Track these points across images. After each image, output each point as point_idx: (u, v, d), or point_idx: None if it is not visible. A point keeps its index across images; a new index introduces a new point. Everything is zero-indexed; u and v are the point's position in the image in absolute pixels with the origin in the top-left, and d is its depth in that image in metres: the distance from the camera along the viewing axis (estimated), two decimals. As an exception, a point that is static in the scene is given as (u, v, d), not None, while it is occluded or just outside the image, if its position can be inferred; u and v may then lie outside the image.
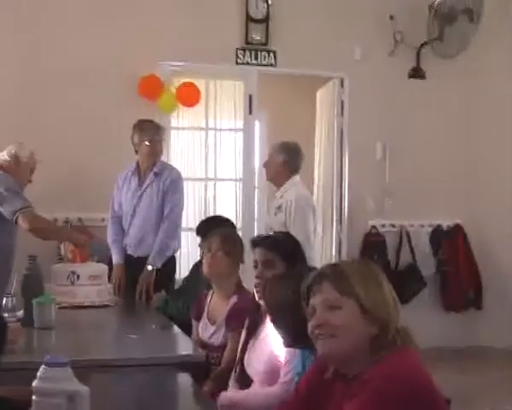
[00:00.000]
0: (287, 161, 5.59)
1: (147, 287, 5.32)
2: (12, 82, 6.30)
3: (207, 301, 4.15)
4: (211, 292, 4.16)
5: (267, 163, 5.77)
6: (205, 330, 4.08)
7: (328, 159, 7.45)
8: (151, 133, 5.53)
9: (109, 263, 5.49)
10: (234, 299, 3.93)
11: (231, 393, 3.35)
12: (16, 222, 4.83)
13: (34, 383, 2.24)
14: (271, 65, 6.94)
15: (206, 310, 4.12)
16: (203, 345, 3.99)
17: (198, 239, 5.20)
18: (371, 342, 2.11)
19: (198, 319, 4.14)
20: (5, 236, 4.93)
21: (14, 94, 6.29)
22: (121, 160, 5.70)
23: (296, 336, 2.58)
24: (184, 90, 6.77)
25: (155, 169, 5.56)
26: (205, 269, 4.13)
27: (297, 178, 5.62)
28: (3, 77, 6.28)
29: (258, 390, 3.24)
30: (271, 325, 3.25)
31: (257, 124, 7.83)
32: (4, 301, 4.28)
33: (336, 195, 7.31)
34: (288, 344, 2.81)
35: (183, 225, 6.01)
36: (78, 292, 4.81)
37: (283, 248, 3.35)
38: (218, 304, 4.06)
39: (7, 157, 5.07)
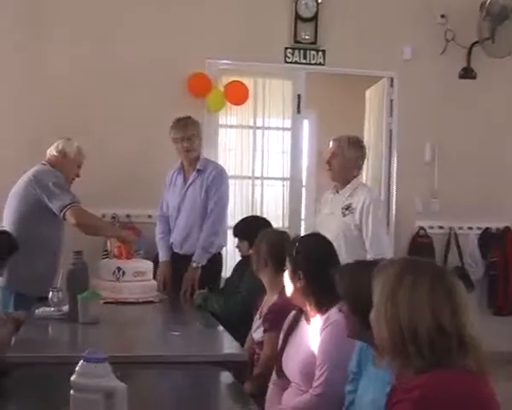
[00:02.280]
0: (358, 157, 5.07)
1: (191, 284, 5.31)
2: (66, 80, 6.36)
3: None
4: None
5: (331, 160, 5.05)
6: (255, 323, 4.12)
7: (377, 159, 7.38)
8: (182, 131, 5.51)
9: (155, 260, 5.50)
10: (275, 298, 3.91)
11: None
12: (64, 217, 4.88)
13: (72, 378, 2.24)
14: (320, 64, 6.89)
15: (261, 305, 4.13)
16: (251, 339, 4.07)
17: (236, 240, 5.20)
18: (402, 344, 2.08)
19: None
20: (53, 230, 5.00)
21: (68, 92, 6.35)
22: (169, 157, 5.71)
23: (368, 326, 2.54)
24: (233, 88, 6.77)
25: (198, 166, 5.56)
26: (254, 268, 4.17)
27: (361, 176, 5.22)
28: (59, 76, 6.34)
29: (286, 408, 3.22)
30: (308, 324, 3.23)
31: (305, 123, 7.80)
32: (50, 295, 4.31)
33: (384, 195, 7.23)
34: (355, 334, 2.76)
35: (230, 223, 6.00)
36: (123, 288, 4.83)
37: None
38: (267, 300, 4.09)
39: (55, 152, 5.17)
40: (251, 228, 4.84)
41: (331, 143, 5.16)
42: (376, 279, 2.20)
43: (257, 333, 4.03)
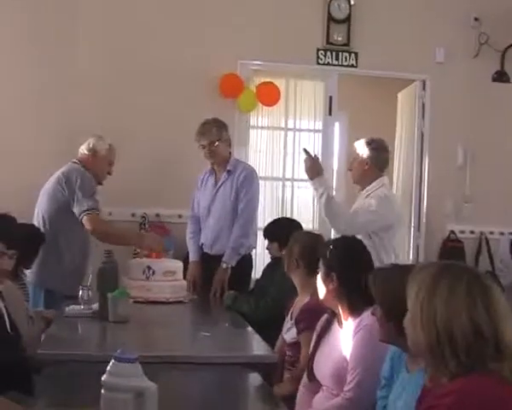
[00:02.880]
0: (372, 157, 5.01)
1: (221, 285, 5.29)
2: (99, 81, 6.36)
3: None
4: None
5: (351, 163, 5.13)
6: (285, 324, 4.09)
7: (408, 163, 7.31)
8: (201, 138, 5.53)
9: (186, 260, 5.49)
10: (306, 299, 3.88)
11: None
12: (82, 222, 4.89)
13: (103, 378, 2.22)
14: (352, 66, 6.84)
15: (292, 306, 4.10)
16: (282, 341, 4.06)
17: (265, 242, 5.17)
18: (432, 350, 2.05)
19: None
20: (82, 229, 4.98)
21: (100, 91, 6.36)
22: (200, 157, 5.68)
23: (402, 331, 2.50)
24: (264, 89, 6.73)
25: (228, 167, 5.55)
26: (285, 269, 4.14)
27: (385, 178, 5.11)
28: (92, 76, 6.35)
29: None
30: (340, 328, 3.19)
31: (336, 125, 7.74)
32: (80, 293, 4.31)
33: (415, 199, 7.16)
34: (387, 339, 2.72)
35: (260, 224, 5.96)
36: (153, 287, 4.82)
37: None
38: (298, 301, 4.06)
39: (86, 151, 5.18)
40: (281, 230, 4.82)
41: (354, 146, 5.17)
42: (411, 283, 2.17)
43: (288, 334, 4.00)
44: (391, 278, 2.69)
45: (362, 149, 5.07)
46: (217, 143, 5.50)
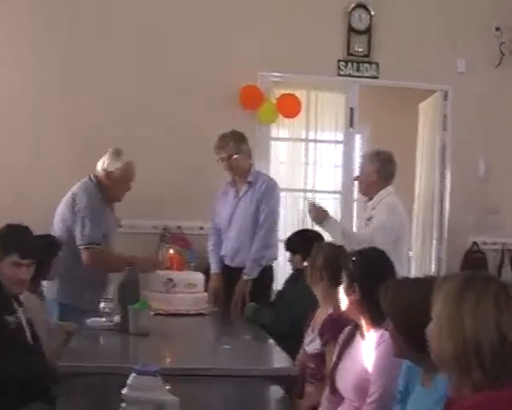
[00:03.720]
0: (379, 169, 5.16)
1: (242, 297, 5.26)
2: (120, 93, 6.36)
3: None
4: None
5: (359, 175, 5.39)
6: (307, 336, 4.05)
7: (430, 174, 7.26)
8: (218, 152, 5.54)
9: (207, 272, 5.47)
10: (329, 310, 3.84)
11: None
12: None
13: (124, 391, 2.20)
14: (373, 77, 6.80)
15: (314, 318, 4.07)
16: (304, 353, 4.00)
17: (287, 253, 5.14)
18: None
19: None
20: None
21: (120, 103, 6.35)
22: (221, 169, 5.66)
23: (414, 345, 2.47)
24: (285, 101, 6.71)
25: (249, 178, 5.54)
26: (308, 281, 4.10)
27: (391, 187, 5.22)
28: (111, 87, 6.35)
29: None
30: (363, 340, 3.16)
31: (357, 137, 7.71)
32: (102, 306, 4.30)
33: (437, 211, 7.11)
34: (401, 353, 2.68)
35: (281, 236, 5.93)
36: (174, 300, 4.81)
37: None
38: (320, 313, 4.02)
39: (100, 169, 5.10)
40: (304, 242, 4.78)
41: None
42: (436, 293, 2.15)
43: (310, 346, 3.96)
44: (402, 292, 2.67)
45: (369, 161, 5.26)
46: (235, 156, 5.49)
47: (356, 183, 5.66)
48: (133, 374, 2.21)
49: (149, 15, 6.50)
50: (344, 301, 3.30)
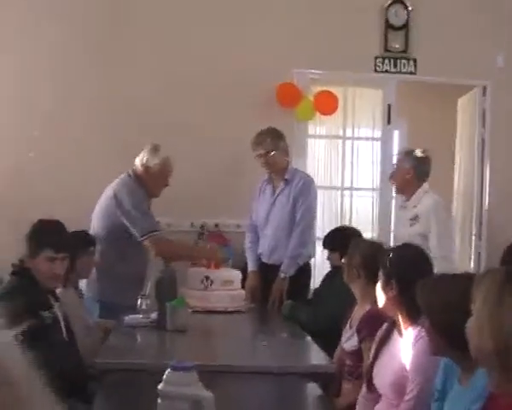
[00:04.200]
0: (415, 168, 5.28)
1: (279, 295, 5.24)
2: (152, 89, 6.37)
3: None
4: None
5: (394, 174, 5.49)
6: (345, 333, 4.03)
7: (469, 170, 7.17)
8: (255, 148, 5.53)
9: (244, 270, 5.46)
10: (367, 308, 3.81)
11: None
12: (143, 242, 4.88)
13: (160, 387, 2.20)
14: (411, 73, 6.73)
15: (351, 315, 4.04)
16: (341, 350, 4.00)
17: (324, 251, 5.12)
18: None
19: None
20: (138, 245, 4.96)
21: (154, 102, 6.36)
22: (258, 167, 5.66)
23: (451, 343, 2.43)
24: (322, 98, 6.67)
25: (286, 176, 5.53)
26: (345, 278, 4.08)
27: (427, 185, 5.33)
28: (145, 84, 6.37)
29: None
30: (400, 337, 3.13)
31: (396, 133, 7.65)
32: (139, 302, 4.31)
33: (476, 207, 7.02)
34: (438, 351, 2.65)
35: (318, 234, 5.91)
36: (212, 297, 4.82)
37: None
38: (357, 311, 4.00)
39: (139, 166, 5.11)
40: (342, 239, 4.74)
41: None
42: (477, 289, 2.12)
43: (348, 343, 3.94)
44: (438, 289, 2.64)
45: (404, 159, 5.38)
46: (272, 152, 5.48)
47: (391, 180, 5.67)
48: (169, 370, 2.20)
49: (182, 15, 6.50)
50: (381, 298, 3.28)
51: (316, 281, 5.78)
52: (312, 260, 5.75)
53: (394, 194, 6.83)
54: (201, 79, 6.43)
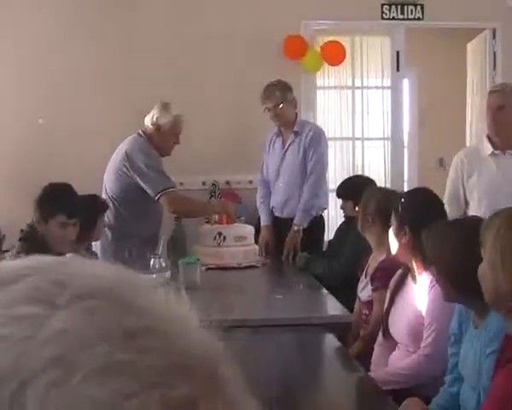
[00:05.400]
0: None
1: (293, 247, 5.20)
2: (162, 49, 6.30)
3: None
4: None
5: (496, 113, 4.40)
6: (360, 283, 3.99)
7: (481, 115, 7.06)
8: (265, 101, 5.45)
9: (257, 225, 5.43)
10: (382, 256, 3.76)
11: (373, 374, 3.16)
12: (158, 200, 4.83)
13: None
14: (419, 19, 6.60)
15: (367, 265, 4.00)
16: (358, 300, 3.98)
17: (339, 201, 5.07)
18: None
19: None
20: (152, 203, 4.92)
21: (163, 59, 6.30)
22: (268, 121, 5.59)
23: (461, 289, 2.39)
24: (329, 48, 6.58)
25: (295, 128, 5.46)
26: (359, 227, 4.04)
27: None
28: (155, 45, 6.29)
29: (393, 370, 3.08)
30: (415, 283, 3.09)
31: (405, 81, 7.54)
32: (152, 262, 4.27)
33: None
34: (449, 298, 2.61)
35: (331, 186, 5.85)
36: (225, 253, 4.79)
37: None
38: (373, 260, 3.96)
39: (150, 124, 5.05)
40: (355, 187, 4.68)
41: (491, 95, 4.57)
42: (484, 232, 2.07)
43: (363, 293, 3.91)
44: (443, 235, 2.59)
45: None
46: (281, 105, 5.40)
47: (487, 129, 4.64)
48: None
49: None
50: (394, 245, 3.23)
51: (330, 234, 5.74)
52: (325, 212, 5.71)
53: (409, 142, 6.75)
54: (207, 34, 6.32)
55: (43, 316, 0.45)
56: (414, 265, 3.14)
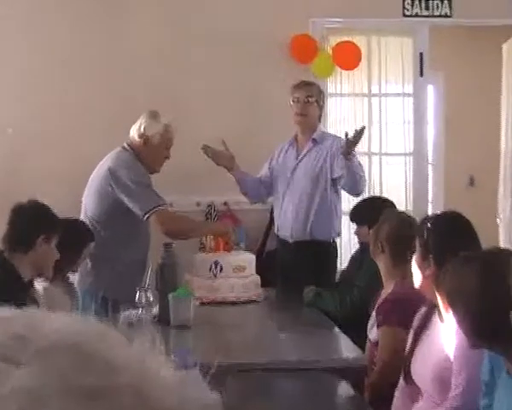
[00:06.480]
0: None
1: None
2: (154, 51, 6.33)
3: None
4: None
5: None
6: (370, 321, 4.00)
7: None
8: (303, 87, 5.50)
9: (259, 252, 5.43)
10: (389, 288, 3.76)
11: None
12: (148, 220, 4.84)
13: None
14: (446, 15, 6.62)
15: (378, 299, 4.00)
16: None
17: (353, 226, 5.08)
18: None
19: None
20: (139, 225, 4.93)
21: (157, 63, 6.33)
22: (273, 134, 5.63)
23: (484, 332, 2.37)
24: (342, 50, 6.61)
25: (314, 136, 5.48)
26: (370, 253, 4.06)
27: None
28: (147, 44, 6.32)
29: None
30: (442, 322, 3.07)
31: (430, 87, 7.57)
32: (138, 296, 4.27)
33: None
34: (474, 344, 2.59)
35: (343, 207, 5.86)
36: (222, 286, 4.78)
37: None
38: (383, 293, 3.96)
39: (136, 137, 5.04)
40: (371, 211, 4.69)
41: None
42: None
43: (372, 332, 3.89)
44: (461, 272, 2.58)
45: None
46: (314, 99, 5.48)
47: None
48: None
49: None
50: (417, 276, 3.22)
51: (342, 263, 5.74)
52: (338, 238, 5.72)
53: (434, 158, 6.76)
54: (206, 33, 6.34)
55: (4, 373, 0.45)
56: (440, 301, 3.13)
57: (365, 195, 6.51)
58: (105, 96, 6.27)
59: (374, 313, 3.94)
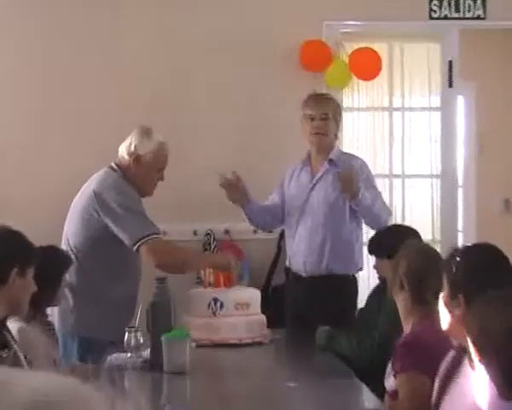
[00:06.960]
0: None
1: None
2: (151, 63, 6.40)
3: None
4: None
5: None
6: (388, 368, 3.97)
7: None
8: (321, 103, 5.53)
9: (264, 288, 5.44)
10: (407, 330, 3.79)
11: None
12: (137, 252, 4.84)
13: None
14: (479, 17, 6.65)
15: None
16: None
17: (372, 258, 5.09)
18: None
19: None
20: (127, 255, 4.94)
21: (153, 76, 6.38)
22: (281, 154, 5.63)
23: None
24: (360, 57, 6.65)
25: (331, 155, 5.51)
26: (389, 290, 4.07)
27: None
28: (143, 56, 6.40)
29: None
30: (473, 369, 3.07)
31: (460, 99, 7.60)
32: (126, 337, 4.28)
33: None
34: (504, 395, 2.60)
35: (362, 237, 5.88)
36: (222, 325, 4.80)
37: None
38: (401, 338, 3.94)
39: (126, 155, 5.05)
40: (392, 241, 4.69)
41: None
42: None
43: (389, 381, 3.88)
44: (490, 312, 2.58)
45: None
46: (331, 116, 5.51)
47: None
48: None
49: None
50: (445, 317, 3.22)
51: (360, 301, 5.75)
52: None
53: (465, 180, 6.76)
54: (211, 39, 6.46)
55: None
56: (471, 345, 3.13)
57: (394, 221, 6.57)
58: (94, 109, 6.35)
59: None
